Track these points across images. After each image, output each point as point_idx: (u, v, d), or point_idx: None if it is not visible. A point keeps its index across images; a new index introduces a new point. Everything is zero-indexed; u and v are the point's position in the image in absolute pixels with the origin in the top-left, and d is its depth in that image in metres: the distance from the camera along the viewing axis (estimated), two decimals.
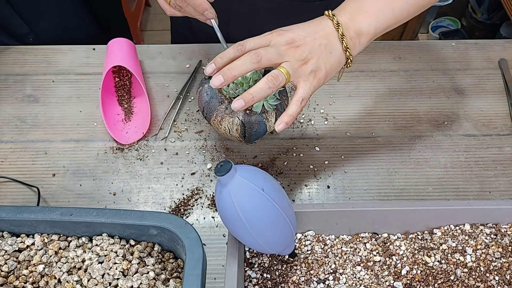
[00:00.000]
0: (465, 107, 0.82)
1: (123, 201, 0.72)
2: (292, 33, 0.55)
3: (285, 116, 0.55)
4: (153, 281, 0.53)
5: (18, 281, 0.53)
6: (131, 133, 0.79)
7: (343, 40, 0.56)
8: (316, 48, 0.55)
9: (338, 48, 0.57)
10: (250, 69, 0.53)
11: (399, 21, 0.60)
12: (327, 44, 0.56)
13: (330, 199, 0.72)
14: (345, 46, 0.56)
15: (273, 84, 0.53)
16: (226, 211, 0.48)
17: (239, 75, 0.53)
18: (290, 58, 0.54)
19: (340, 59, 0.57)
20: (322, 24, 0.57)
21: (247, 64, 0.53)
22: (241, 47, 0.54)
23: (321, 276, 0.57)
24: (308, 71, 0.55)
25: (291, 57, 0.54)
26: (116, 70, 0.84)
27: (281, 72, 0.54)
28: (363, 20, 0.57)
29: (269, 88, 0.53)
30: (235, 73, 0.53)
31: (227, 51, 0.55)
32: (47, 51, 0.89)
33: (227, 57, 0.54)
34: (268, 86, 0.53)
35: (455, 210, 0.58)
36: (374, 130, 0.80)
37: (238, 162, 0.75)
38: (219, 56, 0.55)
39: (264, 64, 0.53)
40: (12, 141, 0.78)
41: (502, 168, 0.75)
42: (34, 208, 0.54)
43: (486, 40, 0.92)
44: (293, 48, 0.55)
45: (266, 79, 0.53)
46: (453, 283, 0.56)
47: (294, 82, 0.56)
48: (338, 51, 0.57)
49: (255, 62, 0.53)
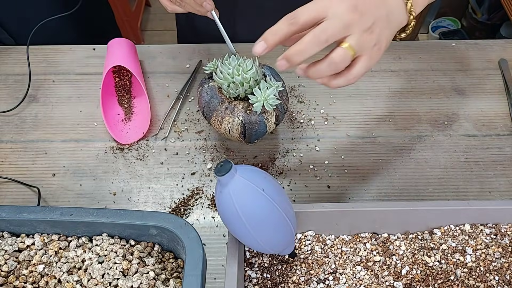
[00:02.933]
0: (465, 107, 0.82)
1: (123, 201, 0.72)
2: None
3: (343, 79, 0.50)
4: (153, 281, 0.53)
5: (18, 281, 0.53)
6: (131, 133, 0.79)
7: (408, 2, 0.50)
8: (379, 17, 0.48)
9: (399, 9, 0.50)
10: (315, 51, 0.47)
11: None
12: (388, 12, 0.49)
13: (330, 199, 0.72)
14: (409, 8, 0.50)
15: (337, 67, 0.48)
16: (226, 211, 0.48)
17: (304, 60, 0.48)
18: (356, 30, 0.47)
19: (399, 24, 0.51)
20: None
21: (313, 48, 0.47)
22: (294, 20, 0.47)
23: (321, 276, 0.57)
24: (372, 43, 0.48)
25: (356, 28, 0.47)
26: (116, 70, 0.84)
27: (347, 51, 0.47)
28: None
29: (331, 71, 0.48)
30: (301, 59, 0.47)
31: (279, 27, 0.48)
32: (47, 51, 0.89)
33: (281, 34, 0.48)
34: (331, 68, 0.48)
35: (455, 210, 0.58)
36: (374, 130, 0.80)
37: (238, 162, 0.75)
38: (270, 32, 0.48)
39: (331, 42, 0.47)
40: (12, 141, 0.78)
41: (502, 169, 0.75)
42: (34, 208, 0.54)
43: (486, 40, 0.92)
44: (358, 16, 0.47)
45: (330, 62, 0.47)
46: (453, 283, 0.56)
47: (357, 56, 0.49)
48: (398, 14, 0.50)
49: (322, 43, 0.46)
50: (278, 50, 0.52)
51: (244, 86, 0.64)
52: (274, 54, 0.59)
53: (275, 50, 0.51)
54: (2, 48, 0.89)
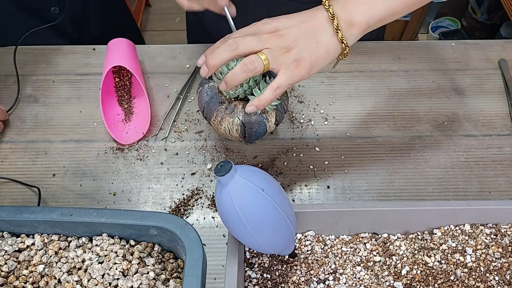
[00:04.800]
0: (465, 107, 0.82)
1: (123, 201, 0.72)
2: (278, 22, 0.55)
3: (256, 100, 0.57)
4: (153, 281, 0.53)
5: (18, 281, 0.53)
6: (131, 133, 0.79)
7: (338, 32, 0.54)
8: (300, 37, 0.54)
9: (327, 39, 0.54)
10: (228, 56, 0.54)
11: (396, 12, 0.56)
12: (313, 34, 0.54)
13: (330, 199, 0.72)
14: (340, 38, 0.54)
15: (248, 68, 0.53)
16: (226, 211, 0.48)
17: (219, 63, 0.55)
18: (272, 45, 0.54)
19: (329, 49, 0.55)
20: (313, 14, 0.55)
21: (225, 53, 0.54)
22: (227, 38, 0.55)
23: (321, 276, 0.57)
24: (291, 59, 0.54)
25: (272, 44, 0.54)
26: (116, 70, 0.84)
27: (258, 57, 0.53)
28: (356, 9, 0.54)
29: (243, 72, 0.54)
30: (215, 62, 0.55)
31: (215, 44, 0.56)
32: (47, 51, 0.89)
33: (214, 49, 0.56)
34: (242, 70, 0.54)
35: (455, 210, 0.58)
36: (374, 130, 0.80)
37: (238, 162, 0.75)
38: (209, 48, 0.57)
39: (242, 51, 0.54)
40: (12, 141, 0.78)
41: (502, 168, 0.75)
42: (34, 208, 0.54)
43: (486, 40, 0.92)
44: (276, 36, 0.54)
45: (242, 64, 0.54)
46: (453, 283, 0.56)
47: (275, 70, 0.55)
48: (327, 42, 0.54)
49: (232, 49, 0.54)
50: None
51: (244, 86, 0.64)
52: None
53: None
54: (2, 49, 0.89)
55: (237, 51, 0.54)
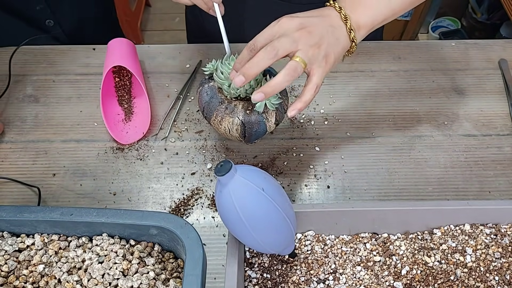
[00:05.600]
0: (465, 107, 0.83)
1: (123, 201, 0.72)
2: (301, 19, 0.56)
3: (298, 103, 0.57)
4: (153, 281, 0.53)
5: (18, 281, 0.53)
6: (131, 133, 0.79)
7: (351, 32, 0.58)
8: (325, 34, 0.56)
9: (344, 36, 0.58)
10: (268, 64, 0.54)
11: (396, 13, 0.61)
12: (333, 31, 0.57)
13: (330, 199, 0.72)
14: (352, 37, 0.58)
15: (292, 77, 0.54)
16: (226, 211, 0.48)
17: (258, 72, 0.55)
18: (303, 45, 0.54)
19: (345, 46, 0.58)
20: (326, 12, 0.58)
21: (265, 61, 0.54)
22: (253, 47, 0.55)
23: (321, 276, 0.57)
24: (321, 56, 0.56)
25: (304, 44, 0.54)
26: (116, 70, 0.84)
27: (298, 63, 0.54)
28: (363, 12, 0.58)
29: (287, 81, 0.55)
30: (255, 71, 0.55)
31: (242, 55, 0.56)
32: (47, 51, 0.89)
33: (245, 61, 0.56)
34: (287, 79, 0.54)
35: (455, 210, 0.58)
36: (374, 130, 0.80)
37: (238, 162, 0.75)
38: (237, 61, 0.57)
39: (281, 55, 0.54)
40: (12, 141, 0.78)
41: (502, 168, 0.75)
42: (34, 208, 0.54)
43: (486, 40, 0.92)
44: (305, 33, 0.55)
45: (285, 73, 0.54)
46: (453, 283, 0.56)
47: (308, 68, 0.56)
48: (344, 39, 0.58)
49: (272, 56, 0.54)
50: None
51: (245, 85, 0.64)
52: None
53: None
54: (2, 49, 0.89)
55: (277, 56, 0.54)
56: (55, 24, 0.92)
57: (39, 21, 0.90)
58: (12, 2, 0.87)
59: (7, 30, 0.90)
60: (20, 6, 0.88)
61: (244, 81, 0.55)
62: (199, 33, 1.01)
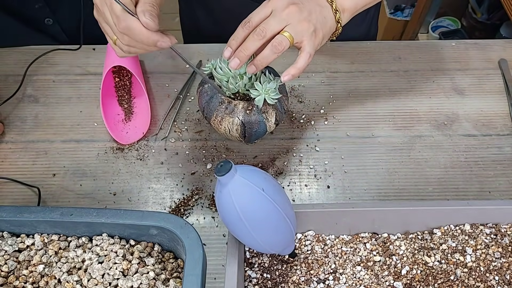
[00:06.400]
0: (465, 107, 0.82)
1: (123, 201, 0.72)
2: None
3: (292, 69, 0.59)
4: (153, 281, 0.53)
5: (18, 281, 0.53)
6: (131, 133, 0.79)
7: (337, 13, 0.61)
8: (313, 10, 0.59)
9: (331, 17, 0.61)
10: (259, 45, 0.57)
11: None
12: (320, 10, 0.60)
13: (330, 199, 0.72)
14: (337, 19, 0.61)
15: (278, 50, 0.57)
16: (226, 211, 0.48)
17: (251, 53, 0.58)
18: (292, 20, 0.57)
19: (331, 26, 0.62)
20: None
21: (255, 42, 0.57)
22: (248, 23, 0.57)
23: (321, 276, 0.57)
24: (310, 30, 0.58)
25: (292, 19, 0.57)
26: (116, 70, 0.84)
27: (285, 37, 0.57)
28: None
29: (273, 54, 0.57)
30: (247, 53, 0.57)
31: (237, 32, 0.58)
32: (48, 50, 0.89)
33: (240, 38, 0.58)
34: (273, 51, 0.57)
35: (455, 210, 0.58)
36: (374, 130, 0.80)
37: (238, 162, 0.75)
38: (232, 38, 0.58)
39: (270, 36, 0.57)
40: (12, 141, 0.78)
41: (502, 168, 0.75)
42: (34, 208, 0.54)
43: (486, 40, 0.92)
44: (294, 9, 0.57)
45: (271, 46, 0.57)
46: (453, 283, 0.56)
47: (298, 42, 0.58)
48: (331, 19, 0.61)
49: (261, 37, 0.57)
50: None
51: (244, 79, 0.64)
52: None
53: None
54: (2, 50, 0.89)
55: (266, 37, 0.57)
56: (54, 23, 0.92)
57: (38, 19, 0.90)
58: (11, 1, 0.87)
59: (5, 29, 0.90)
60: (18, 4, 0.87)
61: (239, 63, 0.58)
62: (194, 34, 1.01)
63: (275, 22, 0.57)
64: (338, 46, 0.90)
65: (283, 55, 0.58)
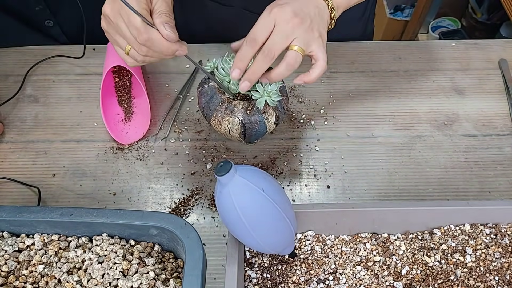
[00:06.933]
0: (465, 107, 0.82)
1: (123, 201, 0.72)
2: (291, 5, 0.57)
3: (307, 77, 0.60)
4: (153, 281, 0.53)
5: (18, 281, 0.53)
6: (131, 133, 0.79)
7: (332, 11, 0.62)
8: (314, 16, 0.59)
9: (327, 15, 0.61)
10: (267, 66, 0.58)
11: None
12: (318, 12, 0.60)
13: (330, 199, 0.72)
14: (333, 16, 0.62)
15: (294, 67, 0.58)
16: (226, 211, 0.48)
17: (260, 75, 0.59)
18: (299, 33, 0.57)
19: (327, 24, 0.62)
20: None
21: (265, 65, 0.57)
22: (254, 42, 0.57)
23: (321, 276, 0.57)
24: (316, 36, 0.59)
25: (298, 32, 0.57)
26: (116, 70, 0.84)
27: (297, 52, 0.57)
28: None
29: (289, 71, 0.58)
30: (257, 76, 0.58)
31: (244, 51, 0.57)
32: (47, 51, 0.89)
33: (247, 58, 0.58)
34: (289, 69, 0.58)
35: (455, 210, 0.58)
36: (374, 130, 0.80)
37: (238, 162, 0.75)
38: (239, 58, 0.58)
39: (278, 54, 0.57)
40: (12, 141, 0.78)
41: (502, 168, 0.75)
42: (34, 208, 0.54)
43: (486, 40, 0.92)
44: (298, 21, 0.57)
45: (286, 64, 0.57)
46: (453, 283, 0.56)
47: (309, 51, 0.58)
48: (327, 17, 0.62)
49: (270, 59, 0.57)
50: None
51: None
52: None
53: None
54: (2, 50, 0.89)
55: (275, 56, 0.57)
56: (55, 25, 0.92)
57: (38, 21, 0.90)
58: (11, 3, 0.87)
59: (6, 30, 0.90)
60: (19, 6, 0.87)
61: (249, 86, 0.59)
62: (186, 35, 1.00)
63: (282, 39, 0.56)
64: (338, 46, 0.90)
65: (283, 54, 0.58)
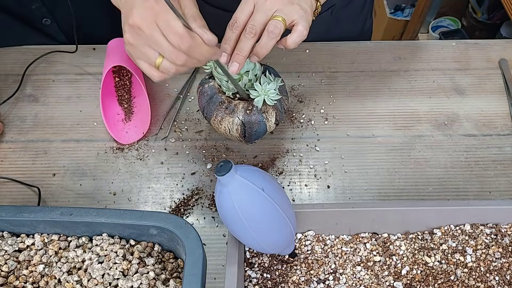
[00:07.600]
0: (465, 107, 0.82)
1: (123, 201, 0.72)
2: None
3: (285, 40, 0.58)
4: (153, 281, 0.53)
5: (18, 281, 0.53)
6: (131, 133, 0.79)
7: None
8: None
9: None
10: (253, 43, 0.57)
11: None
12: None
13: (330, 199, 0.72)
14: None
15: (275, 34, 0.56)
16: (226, 211, 0.48)
17: (247, 53, 0.57)
18: (277, 6, 0.57)
19: (312, 4, 0.61)
20: None
21: (249, 42, 0.57)
22: (236, 24, 0.57)
23: (321, 276, 0.57)
24: (297, 8, 0.58)
25: (277, 5, 0.57)
26: (116, 70, 0.84)
27: (278, 20, 0.56)
28: None
29: (272, 39, 0.57)
30: (244, 54, 0.57)
31: (227, 35, 0.58)
32: (47, 51, 0.89)
33: (232, 40, 0.58)
34: (270, 37, 0.56)
35: (455, 210, 0.58)
36: (374, 130, 0.80)
37: (238, 162, 0.75)
38: (224, 42, 0.58)
39: (261, 30, 0.57)
40: (12, 141, 0.78)
41: (502, 168, 0.75)
42: (34, 208, 0.54)
43: (486, 40, 0.92)
44: None
45: (267, 32, 0.56)
46: (453, 283, 0.56)
47: (289, 22, 0.58)
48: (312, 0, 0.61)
49: (253, 36, 0.56)
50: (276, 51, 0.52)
51: (244, 80, 0.64)
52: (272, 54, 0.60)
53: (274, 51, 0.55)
54: (1, 49, 0.89)
55: (258, 33, 0.57)
56: (52, 23, 0.91)
57: (35, 20, 0.90)
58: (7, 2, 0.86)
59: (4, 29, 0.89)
60: (15, 4, 0.87)
61: (239, 66, 0.58)
62: None
63: (262, 14, 0.57)
64: (338, 46, 0.90)
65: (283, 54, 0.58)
